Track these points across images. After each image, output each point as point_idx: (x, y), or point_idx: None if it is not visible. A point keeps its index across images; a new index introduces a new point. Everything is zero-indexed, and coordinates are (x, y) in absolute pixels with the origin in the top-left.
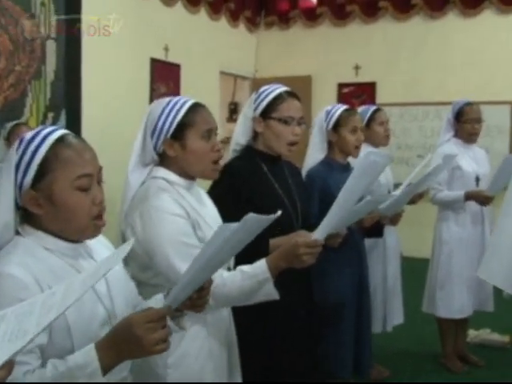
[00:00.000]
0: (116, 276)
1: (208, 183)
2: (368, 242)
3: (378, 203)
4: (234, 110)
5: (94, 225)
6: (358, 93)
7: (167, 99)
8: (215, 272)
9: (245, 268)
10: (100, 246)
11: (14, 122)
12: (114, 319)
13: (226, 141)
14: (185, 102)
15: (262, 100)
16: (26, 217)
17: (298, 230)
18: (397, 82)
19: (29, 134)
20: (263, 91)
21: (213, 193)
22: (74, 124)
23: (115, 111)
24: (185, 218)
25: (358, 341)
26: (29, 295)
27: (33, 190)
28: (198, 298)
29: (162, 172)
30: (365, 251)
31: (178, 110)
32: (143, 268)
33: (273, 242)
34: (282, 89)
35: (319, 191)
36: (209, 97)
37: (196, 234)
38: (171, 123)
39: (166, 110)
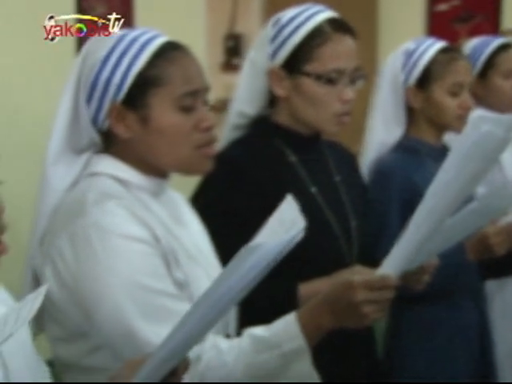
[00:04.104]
0: (18, 353)
1: (190, 183)
2: (492, 285)
3: (502, 212)
4: (234, 50)
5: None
6: (465, 12)
7: (115, 35)
8: (202, 337)
9: (258, 332)
10: None
11: None
12: None
13: (221, 107)
14: (148, 42)
15: (287, 38)
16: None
17: (353, 265)
18: None
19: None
20: (289, 21)
21: (198, 203)
22: None
23: (9, 57)
24: (151, 245)
25: None
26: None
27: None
28: None
29: (109, 164)
30: (486, 304)
31: (136, 56)
32: (71, 336)
33: (307, 286)
34: (322, 15)
35: (400, 197)
36: (187, 24)
37: (171, 274)
38: (122, 79)
39: (114, 56)
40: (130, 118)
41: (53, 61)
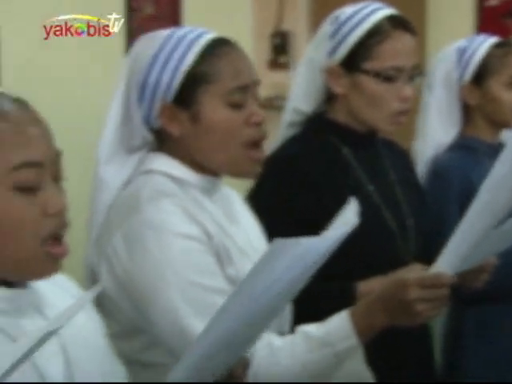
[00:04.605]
0: (82, 347)
1: (244, 180)
2: None
3: None
4: (281, 48)
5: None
6: None
7: (164, 33)
8: (258, 337)
9: (311, 330)
10: (59, 292)
11: None
12: None
13: (268, 105)
14: (196, 39)
15: (346, 36)
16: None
17: (411, 264)
18: None
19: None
20: (348, 18)
21: (254, 201)
22: None
23: (61, 56)
24: (203, 243)
25: None
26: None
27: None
28: None
29: (162, 162)
30: None
31: (184, 54)
32: (128, 332)
33: (366, 284)
34: (382, 12)
35: (458, 197)
36: (234, 22)
37: (223, 271)
38: (171, 78)
39: (163, 55)
40: (181, 116)
41: (104, 59)
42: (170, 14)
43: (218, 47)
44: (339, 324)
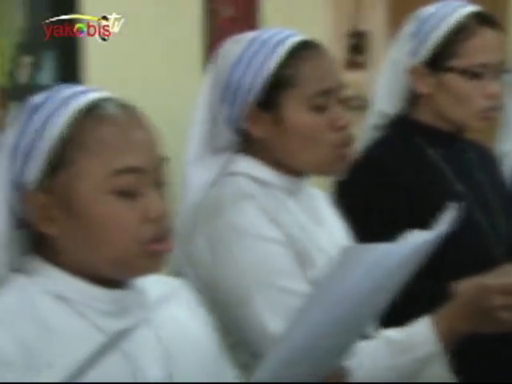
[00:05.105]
0: (190, 347)
1: (327, 180)
2: None
3: None
4: (358, 47)
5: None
6: None
7: (250, 35)
8: (349, 346)
9: (393, 334)
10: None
11: None
12: None
13: (345, 104)
14: (280, 42)
15: (429, 34)
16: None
17: (503, 264)
18: None
19: None
20: (430, 16)
21: (341, 203)
22: (69, 77)
23: (141, 58)
24: (285, 245)
25: None
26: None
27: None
28: None
29: (247, 164)
30: None
31: (267, 57)
32: None
33: (462, 286)
34: (465, 9)
35: None
36: (311, 22)
37: (305, 273)
38: (254, 80)
39: (246, 57)
40: (264, 119)
41: (184, 59)
42: (249, 15)
43: (304, 50)
44: (422, 329)
